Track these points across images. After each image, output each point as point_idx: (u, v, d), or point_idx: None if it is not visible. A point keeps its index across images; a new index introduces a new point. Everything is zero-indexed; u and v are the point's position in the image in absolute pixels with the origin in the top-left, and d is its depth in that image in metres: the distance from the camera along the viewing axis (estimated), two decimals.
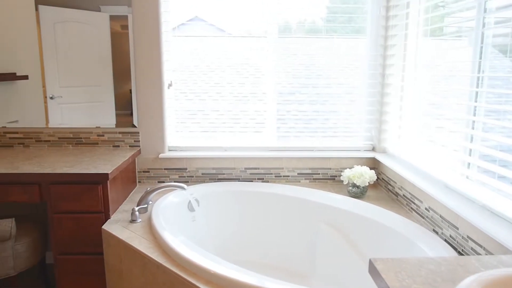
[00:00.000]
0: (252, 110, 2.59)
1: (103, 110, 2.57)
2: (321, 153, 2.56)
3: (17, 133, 2.53)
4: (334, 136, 2.63)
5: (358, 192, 2.32)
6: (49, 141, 2.53)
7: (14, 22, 2.45)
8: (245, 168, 2.57)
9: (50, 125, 2.53)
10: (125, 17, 2.47)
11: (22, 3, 2.44)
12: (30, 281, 2.46)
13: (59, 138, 2.52)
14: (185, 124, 2.60)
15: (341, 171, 2.58)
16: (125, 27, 2.48)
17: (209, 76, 2.56)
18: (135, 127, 2.52)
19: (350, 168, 2.49)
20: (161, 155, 2.52)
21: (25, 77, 2.62)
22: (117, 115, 2.56)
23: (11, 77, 2.61)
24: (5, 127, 2.53)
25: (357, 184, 2.28)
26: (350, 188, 2.34)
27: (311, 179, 2.60)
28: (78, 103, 2.64)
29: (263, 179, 2.59)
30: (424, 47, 2.19)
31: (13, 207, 2.60)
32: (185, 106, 2.58)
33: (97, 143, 2.53)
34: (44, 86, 2.56)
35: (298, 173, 2.58)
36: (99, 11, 2.49)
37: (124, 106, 2.56)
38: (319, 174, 2.59)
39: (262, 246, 2.43)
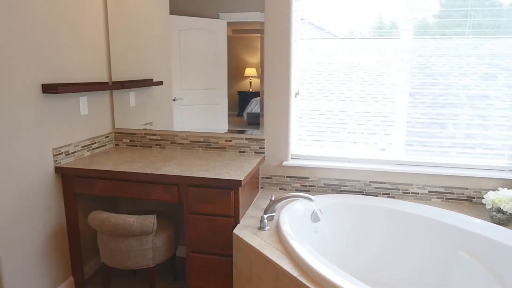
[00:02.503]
0: (380, 120, 2.48)
1: (217, 112, 2.70)
2: (456, 171, 2.34)
3: (155, 135, 2.77)
4: (472, 152, 2.38)
5: (504, 219, 2.06)
6: (182, 143, 2.72)
7: (151, 32, 2.69)
8: (370, 182, 2.46)
9: (172, 126, 2.76)
10: (238, 23, 2.56)
11: (160, 15, 2.67)
12: (163, 272, 2.68)
13: (191, 141, 2.70)
14: (309, 133, 2.59)
15: (480, 192, 2.32)
16: (236, 31, 2.57)
17: (334, 84, 2.50)
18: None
19: (493, 190, 2.23)
20: (284, 163, 2.54)
21: (160, 83, 2.86)
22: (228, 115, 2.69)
23: (150, 83, 2.87)
24: (146, 129, 2.80)
25: (504, 210, 2.02)
26: (494, 213, 2.09)
27: (443, 198, 2.39)
28: (197, 105, 2.80)
29: (389, 194, 2.46)
30: None
31: (146, 203, 2.86)
32: (310, 114, 2.57)
33: (225, 148, 2.65)
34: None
35: (428, 191, 2.40)
36: (218, 18, 2.62)
37: (232, 107, 2.66)
38: (453, 193, 2.36)
39: (386, 266, 2.30)
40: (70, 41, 2.36)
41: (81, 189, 2.30)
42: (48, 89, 2.18)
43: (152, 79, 2.85)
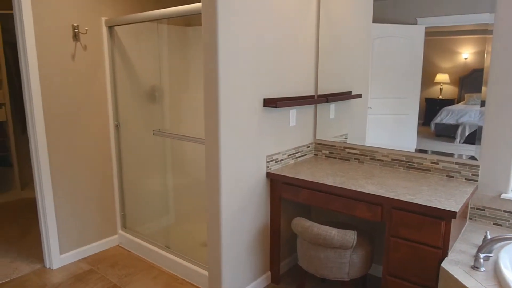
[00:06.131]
0: None
1: (405, 122, 2.57)
2: None
3: (354, 149, 2.81)
4: None
5: None
6: (382, 160, 2.68)
7: (353, 44, 2.72)
8: None
9: (365, 139, 2.72)
10: (435, 26, 2.38)
11: (362, 25, 2.69)
12: (352, 286, 2.71)
13: (392, 159, 2.64)
14: None
15: None
16: (430, 34, 2.41)
17: None
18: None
19: None
20: (503, 195, 2.23)
21: (359, 96, 2.88)
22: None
23: (350, 96, 2.92)
24: (345, 142, 2.86)
25: None
26: None
27: None
28: (384, 115, 2.70)
29: None
30: None
31: (338, 215, 2.92)
32: None
33: (429, 170, 2.49)
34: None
35: None
36: (415, 23, 2.47)
37: (419, 115, 2.52)
38: None
39: None
40: (287, 59, 2.59)
41: (287, 195, 2.52)
42: (268, 103, 2.45)
43: (350, 92, 2.90)
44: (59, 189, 2.91)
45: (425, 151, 2.50)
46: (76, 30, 2.85)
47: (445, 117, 2.44)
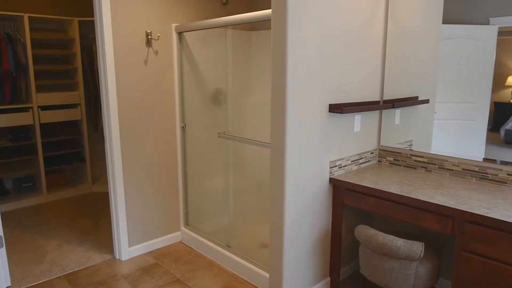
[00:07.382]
0: None
1: (473, 129, 2.44)
2: None
3: (422, 157, 2.71)
4: None
5: None
6: (451, 170, 2.57)
7: (421, 48, 2.62)
8: None
9: (431, 146, 2.60)
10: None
11: (431, 27, 2.59)
12: None
13: (462, 169, 2.52)
14: None
15: None
16: (501, 33, 2.27)
17: None
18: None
19: None
20: None
21: (426, 101, 2.77)
22: None
23: (416, 102, 2.83)
24: (412, 150, 2.77)
25: None
26: None
27: None
28: (450, 120, 2.58)
29: None
30: None
31: (400, 224, 2.84)
32: None
33: (505, 182, 2.35)
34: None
35: None
36: (487, 24, 2.33)
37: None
38: None
39: None
40: (353, 63, 2.57)
41: (349, 201, 2.49)
42: (334, 108, 2.44)
43: (417, 97, 2.80)
44: (129, 185, 3.11)
45: (494, 161, 2.37)
46: (149, 37, 3.02)
47: None
